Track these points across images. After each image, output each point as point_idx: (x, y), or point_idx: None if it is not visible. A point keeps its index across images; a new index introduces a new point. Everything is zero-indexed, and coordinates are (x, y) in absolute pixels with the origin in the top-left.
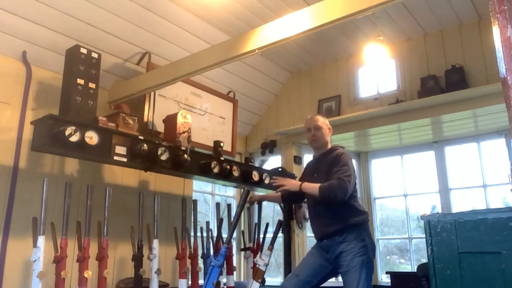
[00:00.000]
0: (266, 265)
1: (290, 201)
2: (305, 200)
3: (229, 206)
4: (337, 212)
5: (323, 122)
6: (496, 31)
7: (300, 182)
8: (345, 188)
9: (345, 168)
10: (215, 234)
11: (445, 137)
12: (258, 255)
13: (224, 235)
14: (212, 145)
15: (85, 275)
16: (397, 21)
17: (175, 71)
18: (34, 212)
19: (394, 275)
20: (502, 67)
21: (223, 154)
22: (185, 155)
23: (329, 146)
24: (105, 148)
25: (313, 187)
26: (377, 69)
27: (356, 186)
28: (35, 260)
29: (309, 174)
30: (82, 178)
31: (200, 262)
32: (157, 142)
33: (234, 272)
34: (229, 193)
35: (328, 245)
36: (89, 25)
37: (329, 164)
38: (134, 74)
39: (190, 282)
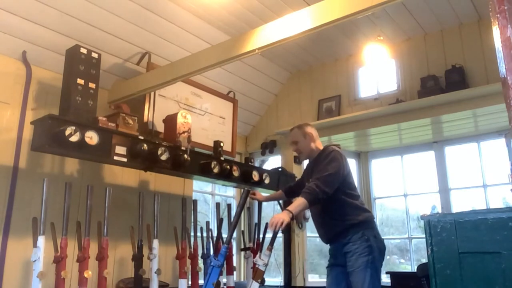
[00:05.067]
0: (266, 265)
1: (293, 195)
2: None
3: (229, 206)
4: (338, 212)
5: (298, 133)
6: (496, 31)
7: (288, 211)
8: (328, 183)
9: (327, 167)
10: (215, 234)
11: (445, 137)
12: (257, 255)
13: (224, 235)
14: (212, 145)
15: (85, 275)
16: (397, 21)
17: (175, 71)
18: (34, 212)
19: (394, 275)
20: (502, 67)
21: (223, 154)
22: (185, 155)
23: (320, 148)
24: (105, 148)
25: (300, 204)
26: (377, 69)
27: (356, 185)
28: (35, 260)
29: (306, 178)
30: (82, 178)
31: (200, 262)
32: (157, 142)
33: (234, 272)
34: (229, 193)
35: (335, 249)
36: (89, 25)
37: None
38: (134, 74)
39: (190, 282)
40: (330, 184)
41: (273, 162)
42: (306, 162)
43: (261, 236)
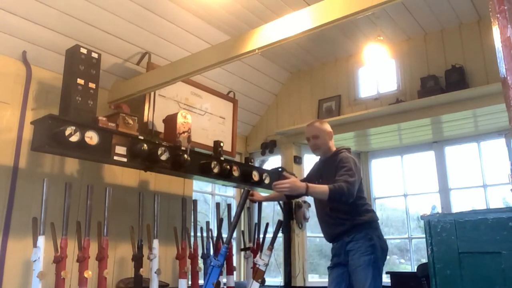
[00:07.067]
0: (266, 265)
1: (294, 197)
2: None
3: (229, 206)
4: (345, 212)
5: (321, 128)
6: (496, 31)
7: (305, 185)
8: (353, 192)
9: (350, 172)
10: (215, 234)
11: (445, 137)
12: (258, 255)
13: (224, 235)
14: (212, 145)
15: (85, 275)
16: (397, 21)
17: (175, 71)
18: (34, 212)
19: (394, 275)
20: (502, 67)
21: (223, 154)
22: (185, 155)
23: (333, 149)
24: (105, 148)
25: (321, 191)
26: (377, 69)
27: (363, 186)
28: (35, 260)
29: (315, 177)
30: (82, 178)
31: (200, 262)
32: (157, 142)
33: (234, 272)
34: (229, 193)
35: (338, 247)
36: (89, 25)
37: (333, 168)
38: (134, 74)
39: (190, 282)
40: (352, 197)
41: (273, 162)
42: (306, 162)
43: (261, 236)
